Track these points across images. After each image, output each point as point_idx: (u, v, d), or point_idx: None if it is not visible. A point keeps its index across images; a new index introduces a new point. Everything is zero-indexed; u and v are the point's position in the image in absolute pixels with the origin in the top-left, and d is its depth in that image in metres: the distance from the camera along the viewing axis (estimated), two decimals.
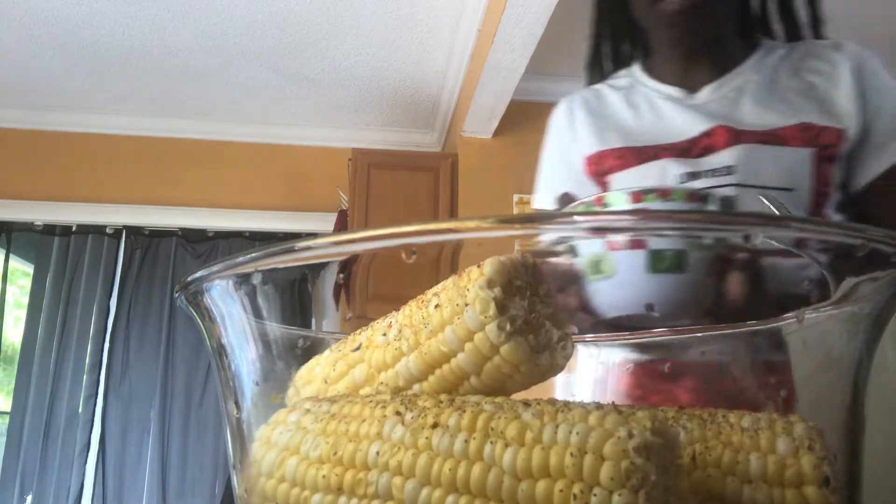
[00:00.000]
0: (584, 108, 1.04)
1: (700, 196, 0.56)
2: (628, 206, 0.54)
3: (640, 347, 0.48)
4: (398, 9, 2.66)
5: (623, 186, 0.90)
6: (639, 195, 0.55)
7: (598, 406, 0.29)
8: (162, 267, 3.42)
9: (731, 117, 0.92)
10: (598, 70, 1.08)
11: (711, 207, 0.56)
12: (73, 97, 3.32)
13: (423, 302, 0.37)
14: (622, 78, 1.04)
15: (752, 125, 0.90)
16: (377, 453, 0.31)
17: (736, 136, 0.89)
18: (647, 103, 1.00)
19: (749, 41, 0.98)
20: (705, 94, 0.95)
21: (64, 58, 3.00)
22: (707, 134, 0.91)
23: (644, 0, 0.93)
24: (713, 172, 0.89)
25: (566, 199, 1.02)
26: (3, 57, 3.00)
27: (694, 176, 0.90)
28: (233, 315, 0.39)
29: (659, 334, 0.47)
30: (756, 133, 0.89)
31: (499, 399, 0.32)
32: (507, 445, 0.28)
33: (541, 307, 0.36)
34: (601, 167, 0.98)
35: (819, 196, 0.88)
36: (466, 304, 0.34)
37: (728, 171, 0.87)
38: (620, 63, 1.07)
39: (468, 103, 2.90)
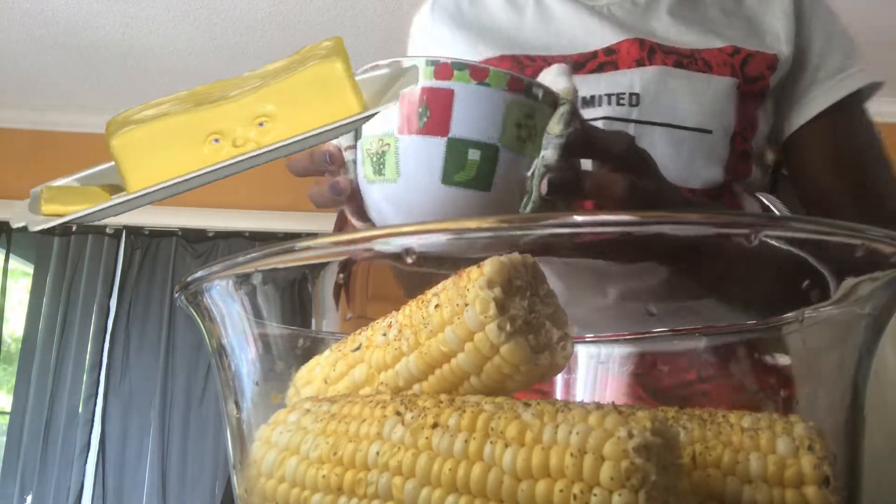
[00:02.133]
0: (447, 13, 0.80)
1: (522, 84, 0.42)
2: (432, 81, 0.42)
3: (639, 347, 0.48)
4: (398, 8, 2.66)
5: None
6: (448, 70, 0.42)
7: (598, 406, 0.29)
8: (162, 267, 3.41)
9: (641, 30, 0.72)
10: None
11: (534, 103, 0.42)
12: (73, 97, 3.32)
13: (423, 302, 0.37)
14: None
15: (670, 41, 0.71)
16: (377, 453, 0.31)
17: (648, 52, 0.70)
18: (535, 3, 0.77)
19: None
20: None
21: (64, 58, 3.00)
22: (609, 50, 0.71)
23: None
24: (616, 98, 0.69)
25: None
26: (3, 57, 3.00)
27: (591, 101, 0.69)
28: (233, 315, 0.39)
29: (659, 334, 0.47)
30: (675, 51, 0.70)
31: (499, 399, 0.32)
32: (507, 445, 0.28)
33: (541, 307, 0.36)
34: None
35: (741, 143, 0.69)
36: (466, 304, 0.34)
37: (634, 100, 0.68)
38: None
39: None
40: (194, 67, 3.06)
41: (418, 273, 0.36)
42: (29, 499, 3.13)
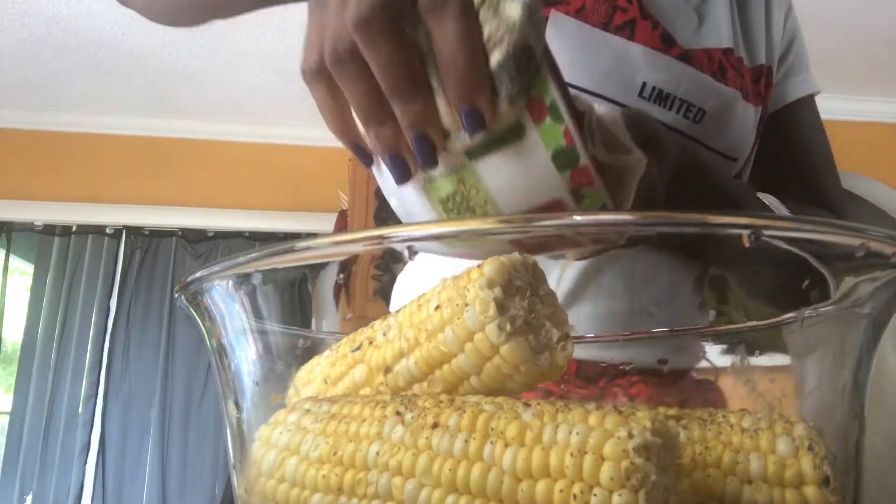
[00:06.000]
0: None
1: None
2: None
3: (638, 346, 0.48)
4: None
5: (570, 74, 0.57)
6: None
7: (598, 406, 0.29)
8: (162, 267, 3.41)
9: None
10: None
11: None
12: (73, 97, 3.32)
13: (423, 302, 0.37)
14: None
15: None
16: (377, 453, 0.31)
17: (736, 70, 0.64)
18: None
19: None
20: None
21: (64, 58, 3.00)
22: (705, 54, 0.63)
23: None
24: (686, 108, 0.61)
25: None
26: (3, 57, 3.00)
27: (664, 99, 0.60)
28: (233, 315, 0.39)
29: (656, 334, 0.47)
30: (740, 69, 0.65)
31: (499, 399, 0.32)
32: (507, 445, 0.28)
33: (541, 307, 0.36)
34: None
35: (744, 168, 0.68)
36: (466, 305, 0.34)
37: (699, 116, 0.61)
38: None
39: None
40: (194, 67, 3.06)
41: None
42: (29, 499, 3.13)
